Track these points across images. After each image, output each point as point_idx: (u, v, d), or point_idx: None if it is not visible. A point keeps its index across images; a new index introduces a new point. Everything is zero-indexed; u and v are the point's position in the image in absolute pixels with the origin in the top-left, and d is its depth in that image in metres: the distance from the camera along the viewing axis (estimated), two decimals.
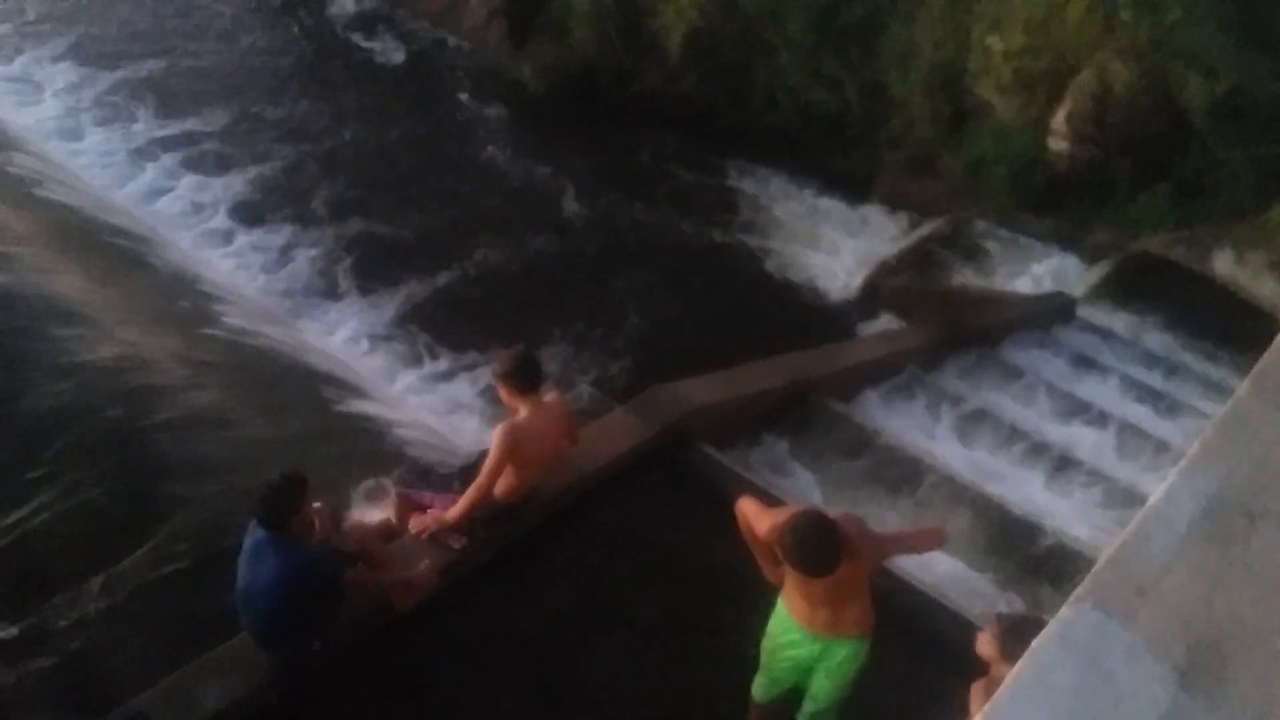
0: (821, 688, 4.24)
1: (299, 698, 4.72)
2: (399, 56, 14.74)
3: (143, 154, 11.38)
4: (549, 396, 5.36)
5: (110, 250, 8.89)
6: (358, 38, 15.00)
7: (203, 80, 13.18)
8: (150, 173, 11.07)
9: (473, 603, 5.34)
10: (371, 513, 5.26)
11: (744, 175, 13.20)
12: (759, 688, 4.50)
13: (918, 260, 11.49)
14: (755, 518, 4.16)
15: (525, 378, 5.14)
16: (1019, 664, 1.76)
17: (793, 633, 4.19)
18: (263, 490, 4.45)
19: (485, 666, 5.07)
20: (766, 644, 4.36)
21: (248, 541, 4.54)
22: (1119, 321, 10.96)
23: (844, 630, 4.10)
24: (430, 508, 5.36)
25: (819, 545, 3.70)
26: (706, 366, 7.66)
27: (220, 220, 10.49)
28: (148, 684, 4.53)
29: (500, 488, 5.29)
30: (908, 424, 8.44)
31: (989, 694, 2.26)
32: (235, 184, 11.06)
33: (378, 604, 5.03)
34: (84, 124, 11.83)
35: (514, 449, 5.09)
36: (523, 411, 5.15)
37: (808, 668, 4.25)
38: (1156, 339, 10.74)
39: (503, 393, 5.23)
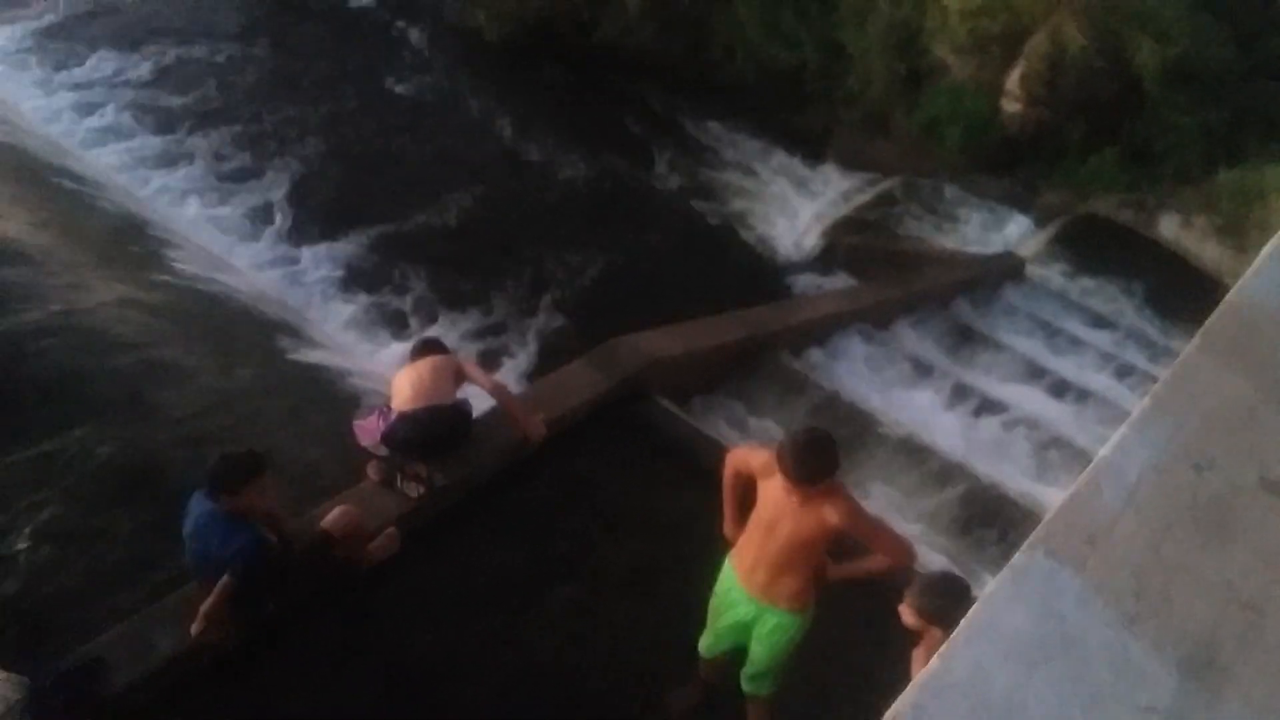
0: (756, 653, 4.30)
1: (256, 645, 4.73)
2: None
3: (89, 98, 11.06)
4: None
5: (58, 193, 8.68)
6: None
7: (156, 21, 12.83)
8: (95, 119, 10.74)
9: (430, 553, 5.37)
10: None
11: (701, 129, 13.17)
12: (704, 643, 4.56)
13: (873, 219, 11.58)
14: (750, 453, 4.17)
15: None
16: (974, 608, 1.82)
17: (735, 591, 4.23)
18: (216, 462, 4.41)
19: (442, 616, 5.10)
20: (713, 601, 4.41)
21: (194, 512, 4.49)
22: (1066, 282, 11.17)
23: (777, 600, 4.12)
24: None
25: (819, 451, 3.71)
26: (661, 319, 7.68)
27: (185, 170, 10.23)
28: (99, 631, 4.51)
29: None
30: (861, 379, 8.56)
31: (928, 658, 2.31)
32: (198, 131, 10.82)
33: (337, 564, 5.03)
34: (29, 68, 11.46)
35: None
36: None
37: (746, 629, 4.30)
38: (1102, 300, 10.96)
39: None
